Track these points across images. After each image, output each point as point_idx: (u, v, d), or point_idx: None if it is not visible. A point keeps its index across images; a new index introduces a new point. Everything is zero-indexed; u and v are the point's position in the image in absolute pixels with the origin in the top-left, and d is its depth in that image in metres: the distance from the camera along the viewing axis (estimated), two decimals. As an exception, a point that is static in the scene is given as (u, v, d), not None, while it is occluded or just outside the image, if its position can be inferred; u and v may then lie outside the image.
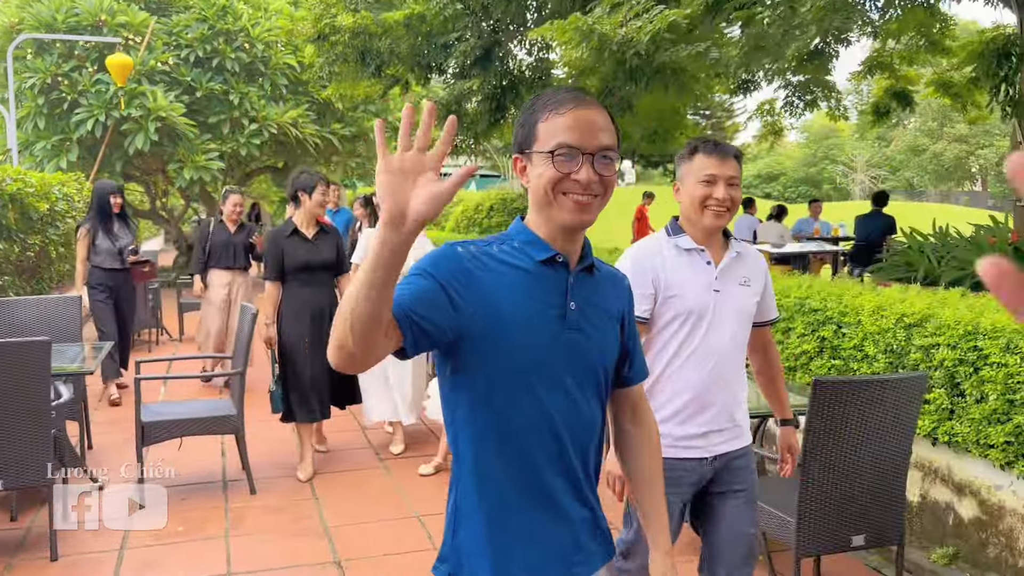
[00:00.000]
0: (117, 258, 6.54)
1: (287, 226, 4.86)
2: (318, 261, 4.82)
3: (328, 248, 4.90)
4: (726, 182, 2.35)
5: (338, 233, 5.09)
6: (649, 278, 2.38)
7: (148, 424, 4.49)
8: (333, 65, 9.92)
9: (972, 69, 9.47)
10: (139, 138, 13.10)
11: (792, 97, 10.14)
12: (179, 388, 6.92)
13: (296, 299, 4.78)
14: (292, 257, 4.75)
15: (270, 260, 4.78)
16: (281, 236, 4.81)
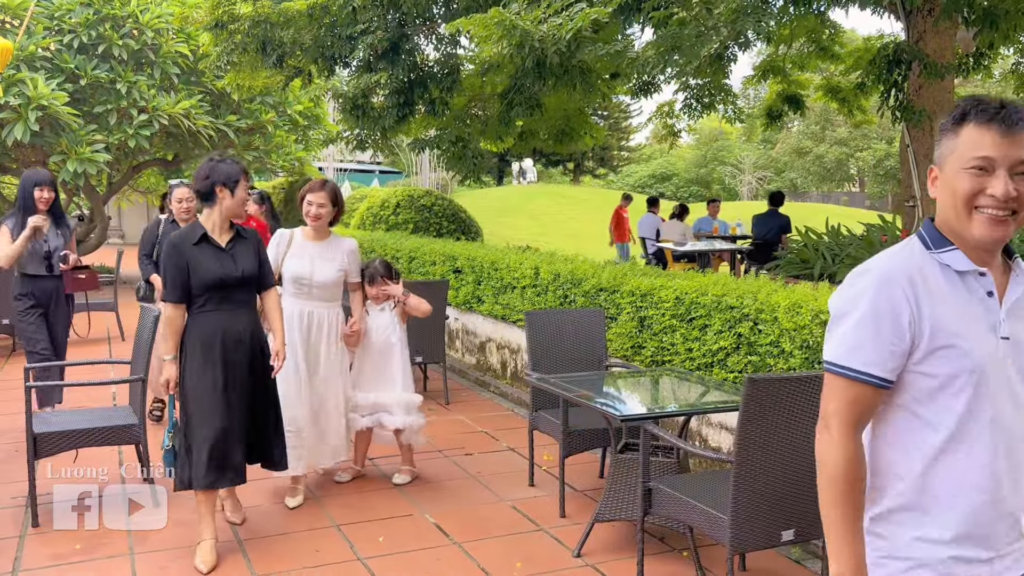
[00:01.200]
0: (44, 263, 5.55)
1: (193, 230, 3.80)
2: (235, 276, 3.78)
3: (247, 258, 3.87)
4: (1010, 169, 1.52)
5: (258, 237, 4.03)
6: (904, 318, 1.55)
7: (41, 435, 4.17)
8: (231, 55, 9.50)
9: (859, 75, 9.92)
10: (18, 128, 12.25)
11: (691, 99, 10.37)
12: (66, 396, 6.48)
13: (206, 326, 3.73)
14: (201, 272, 3.71)
15: (170, 276, 3.71)
16: (185, 244, 3.74)
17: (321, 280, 4.49)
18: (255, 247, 3.95)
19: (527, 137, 11.36)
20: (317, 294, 4.50)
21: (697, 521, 3.24)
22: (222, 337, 3.74)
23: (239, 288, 3.82)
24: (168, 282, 3.73)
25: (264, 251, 4.04)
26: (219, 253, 3.79)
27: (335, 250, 4.58)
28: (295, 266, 4.46)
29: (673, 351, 5.12)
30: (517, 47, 5.27)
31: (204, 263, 3.73)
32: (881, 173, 41.54)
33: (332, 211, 4.53)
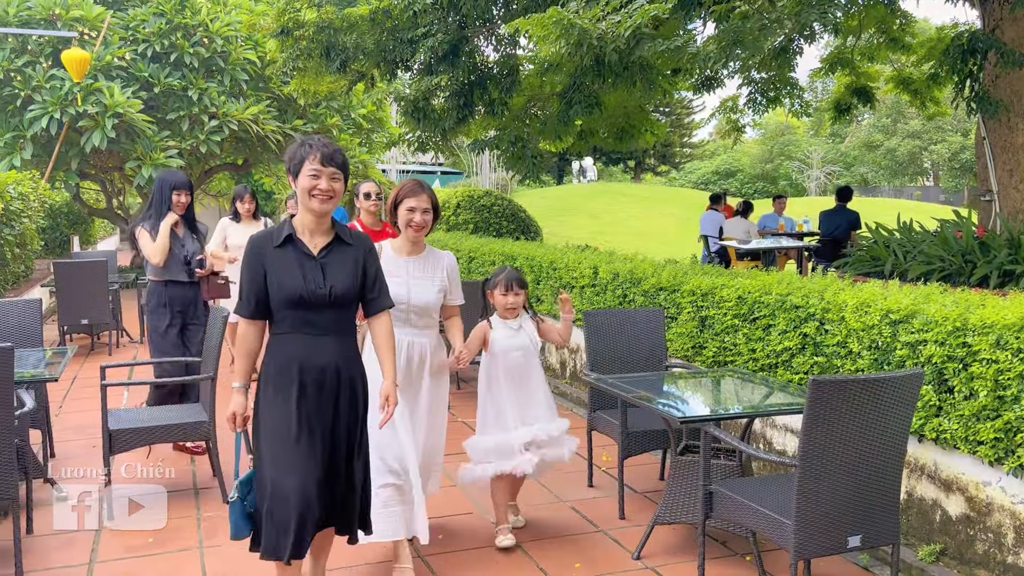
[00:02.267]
0: (184, 268, 5.30)
1: (279, 229, 3.05)
2: (319, 294, 2.94)
3: (343, 271, 3.01)
4: None
5: (369, 244, 3.18)
6: None
7: (116, 432, 4.33)
8: (297, 61, 9.70)
9: (931, 66, 9.60)
10: (96, 135, 12.74)
11: (755, 94, 10.18)
12: (140, 393, 6.70)
13: (282, 353, 2.97)
14: (279, 284, 2.93)
15: (244, 284, 3.00)
16: (266, 247, 3.00)
17: (421, 303, 3.70)
18: (360, 258, 3.07)
19: (586, 136, 11.31)
20: (416, 320, 3.72)
21: (760, 526, 3.19)
22: (300, 369, 2.94)
23: (326, 309, 2.96)
24: (242, 291, 3.00)
25: (376, 263, 3.15)
26: (306, 262, 2.97)
27: (433, 266, 3.78)
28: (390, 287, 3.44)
29: (735, 351, 5.04)
30: (575, 46, 5.25)
31: (284, 273, 2.94)
32: (956, 167, 40.20)
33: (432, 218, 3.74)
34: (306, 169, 2.92)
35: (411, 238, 3.72)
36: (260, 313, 2.98)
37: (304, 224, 3.02)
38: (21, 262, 10.31)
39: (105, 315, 8.74)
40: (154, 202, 5.38)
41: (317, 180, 2.92)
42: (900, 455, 3.12)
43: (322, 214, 2.97)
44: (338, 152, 3.00)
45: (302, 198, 2.95)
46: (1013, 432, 3.30)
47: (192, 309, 5.39)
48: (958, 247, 7.32)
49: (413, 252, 3.77)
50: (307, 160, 2.93)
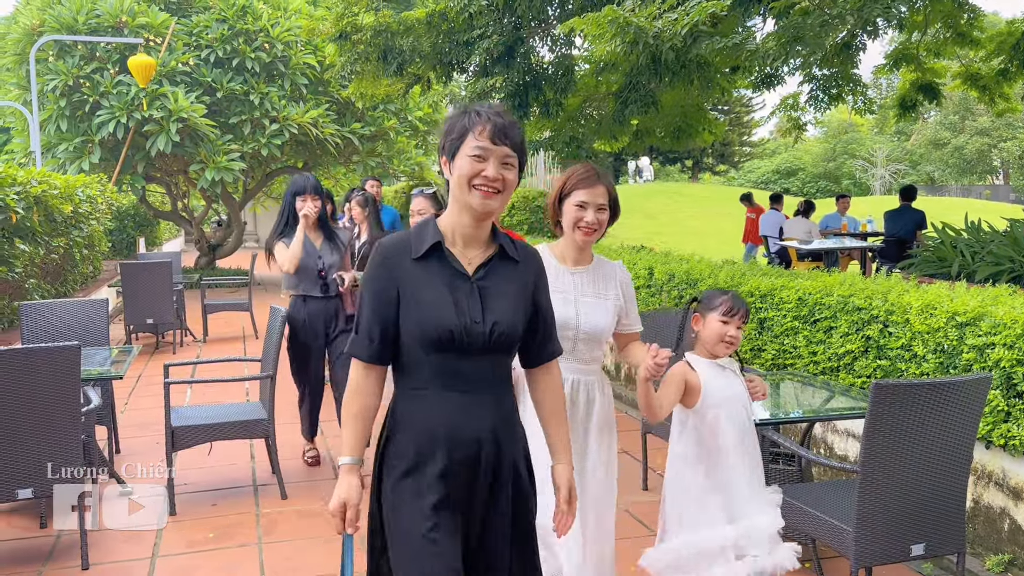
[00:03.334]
0: (318, 283, 4.92)
1: (420, 235, 2.11)
2: (478, 332, 2.03)
3: (510, 301, 2.11)
4: None
5: (538, 262, 2.23)
6: None
7: (178, 428, 4.43)
8: (355, 64, 9.82)
9: (1001, 61, 9.27)
10: (161, 139, 13.10)
11: (817, 91, 9.97)
12: (202, 391, 6.87)
13: (421, 418, 2.07)
14: (421, 314, 2.03)
15: (365, 310, 2.10)
16: (401, 258, 2.09)
17: (592, 328, 2.78)
18: (530, 282, 2.15)
19: (642, 135, 11.21)
20: (583, 351, 2.80)
21: (820, 532, 3.11)
22: (445, 444, 2.02)
23: (483, 355, 2.04)
24: (360, 321, 2.08)
25: (545, 289, 2.22)
26: (458, 284, 2.04)
27: (605, 281, 2.87)
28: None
29: (795, 354, 4.93)
30: (631, 44, 5.20)
31: (428, 299, 2.02)
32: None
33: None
34: (469, 147, 2.00)
35: (579, 243, 2.77)
36: (385, 355, 2.06)
37: (455, 229, 2.07)
38: (89, 263, 10.66)
39: (169, 315, 8.97)
40: (282, 211, 5.08)
41: (482, 164, 1.99)
42: (966, 462, 3.01)
43: (485, 215, 2.03)
44: (515, 127, 2.04)
45: (457, 189, 2.02)
46: (1089, 440, 3.17)
47: (334, 322, 5.05)
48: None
49: (580, 262, 2.84)
50: (471, 133, 2.01)
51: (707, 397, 2.74)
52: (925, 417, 2.84)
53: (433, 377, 2.03)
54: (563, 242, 2.85)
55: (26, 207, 7.03)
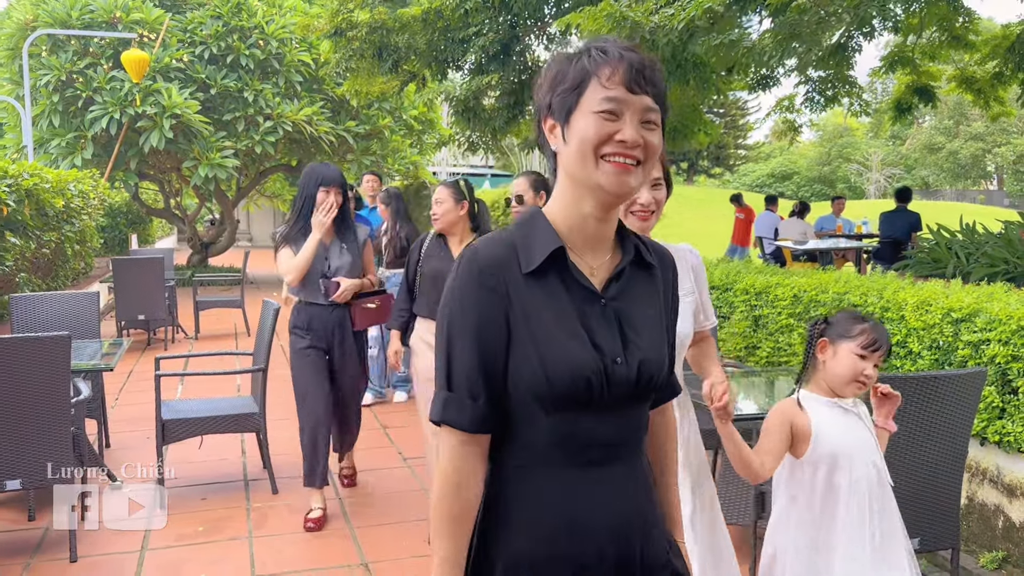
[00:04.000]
0: (321, 287, 4.18)
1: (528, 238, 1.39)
2: (621, 376, 1.36)
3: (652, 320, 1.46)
4: None
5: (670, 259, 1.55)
6: None
7: (169, 422, 4.39)
8: (350, 61, 9.80)
9: (996, 64, 9.29)
10: (154, 136, 13.05)
11: (812, 93, 9.98)
12: (194, 386, 6.83)
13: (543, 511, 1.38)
14: (548, 354, 1.33)
15: (455, 349, 1.38)
16: (508, 273, 1.36)
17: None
18: (668, 295, 1.53)
19: (638, 135, 11.22)
20: None
21: (813, 527, 3.09)
22: (577, 541, 1.38)
23: (625, 407, 1.41)
24: (451, 370, 1.39)
25: (678, 301, 1.59)
26: (589, 308, 1.39)
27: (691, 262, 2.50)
28: None
29: (790, 351, 4.92)
30: (627, 39, 5.19)
31: (554, 331, 1.36)
32: (1022, 169, 38.95)
33: None
34: (593, 99, 1.30)
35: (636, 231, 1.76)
36: (495, 418, 1.37)
37: (572, 226, 1.39)
38: (81, 259, 10.60)
39: (161, 311, 8.92)
40: (296, 205, 4.24)
41: (616, 123, 1.30)
42: (960, 457, 3.00)
43: (618, 199, 1.35)
44: (656, 68, 1.35)
45: (576, 164, 1.33)
46: (1084, 436, 3.16)
47: (338, 335, 4.24)
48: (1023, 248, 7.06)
49: None
50: (595, 79, 1.32)
51: (820, 446, 2.19)
52: (919, 411, 2.82)
53: (550, 446, 1.35)
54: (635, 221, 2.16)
55: (17, 200, 6.98)
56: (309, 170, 4.21)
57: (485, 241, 1.40)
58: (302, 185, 4.20)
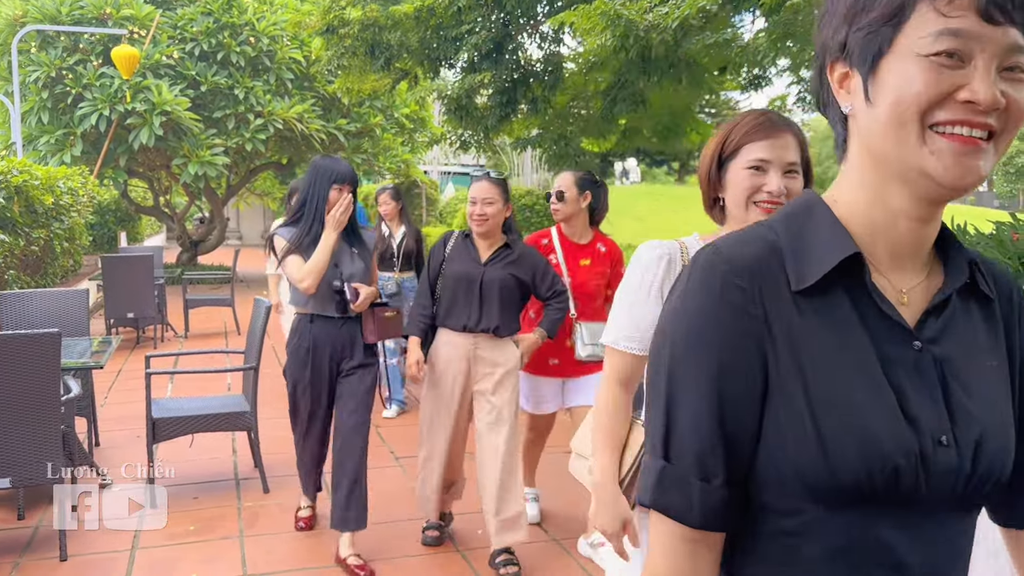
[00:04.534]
0: (334, 299, 3.63)
1: (803, 230, 0.93)
2: (947, 462, 0.85)
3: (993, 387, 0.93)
4: None
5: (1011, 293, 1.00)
6: None
7: (159, 420, 4.36)
8: (342, 59, 9.77)
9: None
10: (144, 133, 12.98)
11: (805, 93, 10.01)
12: (184, 384, 6.79)
13: None
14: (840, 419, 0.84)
15: (687, 417, 0.88)
16: (768, 280, 0.89)
17: None
18: (1013, 341, 0.98)
19: (630, 135, 11.23)
20: None
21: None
22: None
23: (949, 510, 0.88)
24: (670, 431, 0.89)
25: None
26: (896, 351, 0.88)
27: None
28: None
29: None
30: (622, 38, 5.19)
31: (841, 386, 0.85)
32: (1012, 171, 39.20)
33: None
34: (921, 31, 0.82)
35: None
36: (735, 509, 0.88)
37: (876, 225, 0.92)
38: (70, 256, 10.52)
39: (151, 309, 8.87)
40: (305, 200, 3.64)
41: (962, 71, 0.82)
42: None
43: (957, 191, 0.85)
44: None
45: (892, 132, 0.85)
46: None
47: (348, 352, 3.70)
48: (1015, 250, 7.09)
49: None
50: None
51: None
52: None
53: (818, 562, 0.87)
54: (729, 231, 1.60)
55: (6, 197, 6.93)
56: (319, 166, 3.67)
57: (731, 238, 0.93)
58: (310, 182, 3.64)
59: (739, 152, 1.73)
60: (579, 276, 3.81)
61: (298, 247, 3.57)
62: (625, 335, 1.84)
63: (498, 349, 3.62)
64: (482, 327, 3.58)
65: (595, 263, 3.87)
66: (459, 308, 3.60)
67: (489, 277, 3.56)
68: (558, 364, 3.89)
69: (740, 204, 1.72)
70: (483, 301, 3.56)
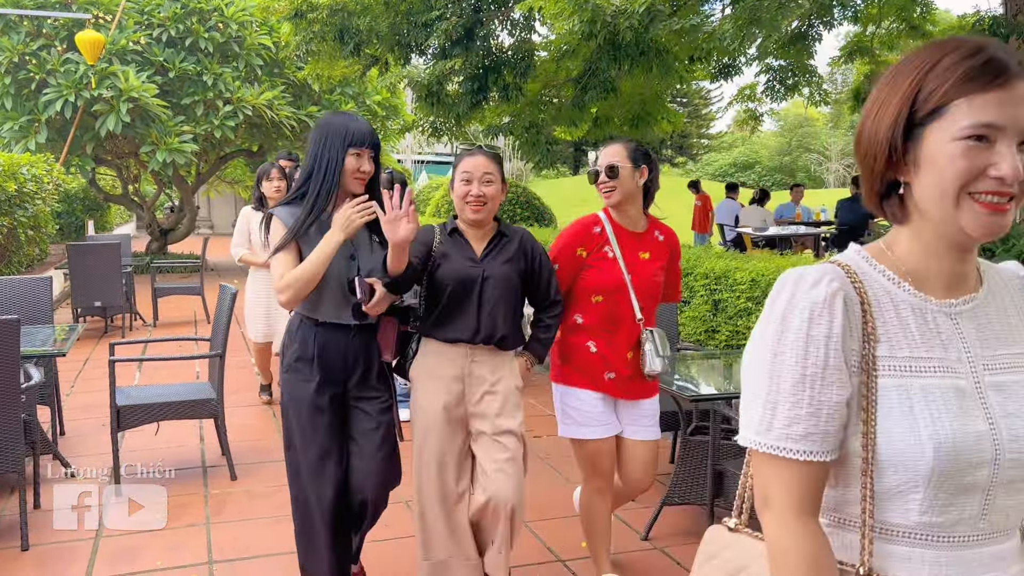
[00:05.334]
0: (347, 302, 2.80)
1: None
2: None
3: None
4: None
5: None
6: None
7: (124, 408, 4.32)
8: (310, 44, 9.68)
9: (953, 54, 9.47)
10: (111, 120, 12.78)
11: (773, 82, 10.08)
12: (152, 373, 6.73)
13: None
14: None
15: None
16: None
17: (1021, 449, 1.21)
18: None
19: (602, 123, 11.23)
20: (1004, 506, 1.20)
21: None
22: None
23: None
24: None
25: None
26: None
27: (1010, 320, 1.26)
28: None
29: (749, 335, 4.97)
30: (589, 23, 5.19)
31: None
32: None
33: None
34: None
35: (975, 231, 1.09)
36: None
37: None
38: (35, 245, 10.38)
39: (118, 298, 8.76)
40: (312, 170, 2.77)
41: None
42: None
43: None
44: None
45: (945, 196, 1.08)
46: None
47: (360, 369, 2.86)
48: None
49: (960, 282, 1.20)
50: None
51: None
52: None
53: None
54: (912, 238, 1.18)
55: (-34, 183, 6.80)
56: (330, 123, 2.79)
57: None
58: (317, 141, 2.76)
59: (945, 111, 1.09)
60: (640, 272, 3.01)
61: (303, 233, 2.73)
62: (800, 432, 1.10)
63: (500, 363, 2.93)
64: (483, 338, 2.85)
65: (654, 256, 3.08)
66: (454, 317, 2.85)
67: (490, 275, 2.85)
68: (614, 379, 3.00)
69: (948, 196, 1.09)
70: (483, 306, 2.84)
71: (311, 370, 2.79)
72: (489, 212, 2.88)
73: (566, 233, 3.05)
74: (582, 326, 3.02)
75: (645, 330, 2.99)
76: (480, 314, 2.84)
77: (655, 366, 2.96)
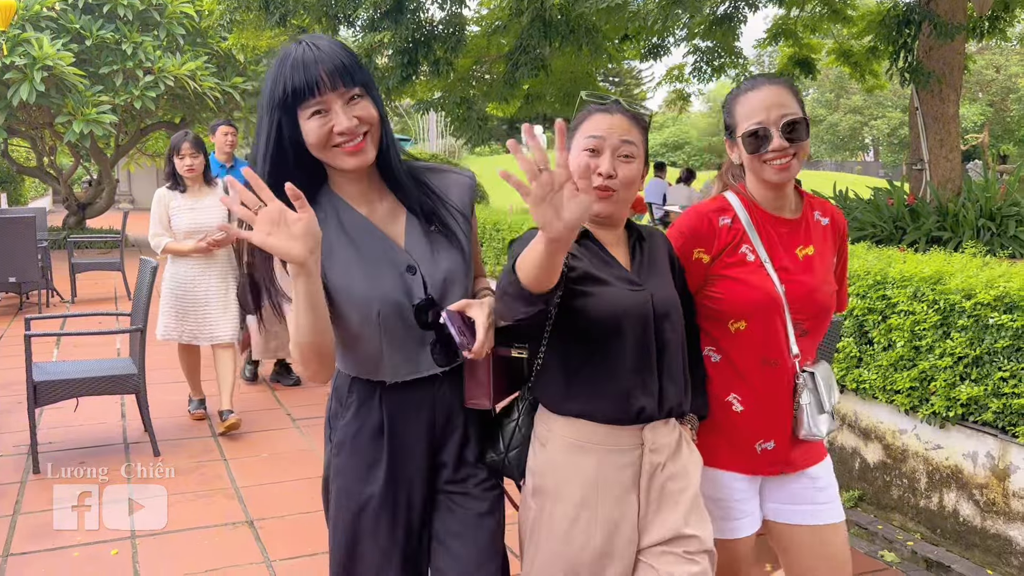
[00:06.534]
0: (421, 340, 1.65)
1: None
2: None
3: None
4: None
5: None
6: None
7: (40, 384, 4.21)
8: (235, 13, 9.48)
9: (871, 39, 9.78)
10: (24, 89, 12.26)
11: (700, 63, 10.27)
12: (71, 350, 6.56)
13: None
14: None
15: None
16: None
17: None
18: None
19: (533, 100, 11.29)
20: None
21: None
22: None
23: None
24: None
25: None
26: None
27: None
28: None
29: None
30: (515, 1, 5.21)
31: None
32: (896, 142, 41.13)
33: None
34: None
35: None
36: None
37: None
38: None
39: (34, 273, 8.48)
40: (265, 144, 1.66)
41: None
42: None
43: None
44: None
45: None
46: (927, 381, 3.42)
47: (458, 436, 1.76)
48: (889, 213, 7.52)
49: None
50: None
51: None
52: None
53: None
54: None
55: None
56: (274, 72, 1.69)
57: None
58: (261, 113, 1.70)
59: None
60: (803, 278, 1.92)
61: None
62: None
63: (675, 442, 1.76)
64: (667, 409, 1.73)
65: (820, 250, 1.98)
66: (618, 377, 1.68)
67: (660, 301, 1.74)
68: (773, 449, 1.93)
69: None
70: (663, 356, 1.72)
71: (378, 447, 1.70)
72: (624, 203, 1.79)
73: (678, 227, 1.96)
74: (718, 367, 1.94)
75: (802, 371, 1.92)
76: (661, 370, 1.72)
77: (818, 428, 1.90)
